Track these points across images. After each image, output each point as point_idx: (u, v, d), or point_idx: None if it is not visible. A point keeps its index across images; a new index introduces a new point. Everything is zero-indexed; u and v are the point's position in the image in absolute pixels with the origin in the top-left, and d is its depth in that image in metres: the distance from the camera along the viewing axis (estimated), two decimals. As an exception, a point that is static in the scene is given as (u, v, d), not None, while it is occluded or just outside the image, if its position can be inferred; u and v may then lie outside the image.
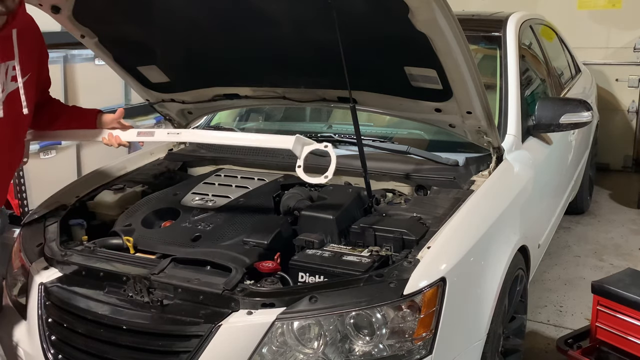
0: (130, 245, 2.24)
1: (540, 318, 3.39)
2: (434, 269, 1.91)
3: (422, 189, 2.51)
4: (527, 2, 5.54)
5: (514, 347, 2.60)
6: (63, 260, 2.15)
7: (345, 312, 1.80)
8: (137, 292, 1.94)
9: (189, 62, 2.73)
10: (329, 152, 2.10)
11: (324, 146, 2.14)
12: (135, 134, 2.36)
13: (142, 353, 1.89)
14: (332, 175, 2.09)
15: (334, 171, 2.09)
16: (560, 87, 3.98)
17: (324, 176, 2.08)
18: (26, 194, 3.71)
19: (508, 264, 2.27)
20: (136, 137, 2.35)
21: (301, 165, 2.14)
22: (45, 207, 2.53)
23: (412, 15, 1.98)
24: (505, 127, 2.79)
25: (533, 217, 2.81)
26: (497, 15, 3.51)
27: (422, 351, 1.83)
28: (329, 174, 2.08)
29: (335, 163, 2.10)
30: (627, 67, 5.81)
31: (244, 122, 3.47)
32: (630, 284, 2.60)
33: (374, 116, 3.00)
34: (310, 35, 2.31)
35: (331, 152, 2.08)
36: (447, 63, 2.15)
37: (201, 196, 2.55)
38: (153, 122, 4.64)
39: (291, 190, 2.53)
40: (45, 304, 2.10)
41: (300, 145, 2.17)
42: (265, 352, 1.79)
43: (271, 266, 2.00)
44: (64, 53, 4.00)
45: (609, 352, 2.66)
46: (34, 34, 2.17)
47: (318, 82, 2.60)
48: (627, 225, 4.72)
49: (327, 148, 2.12)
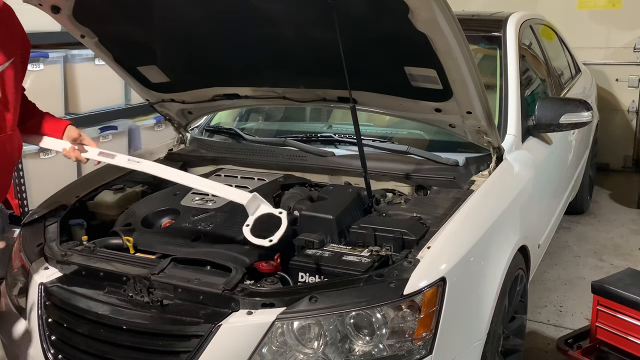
0: (130, 245, 2.24)
1: (540, 318, 3.39)
2: (434, 269, 1.91)
3: (422, 189, 2.51)
4: (527, 2, 5.54)
5: (514, 347, 2.60)
6: (63, 260, 2.15)
7: (345, 312, 1.80)
8: (137, 292, 1.94)
9: (189, 62, 2.73)
10: (282, 218, 1.97)
11: (279, 212, 2.00)
12: (96, 153, 2.34)
13: (142, 353, 1.89)
14: (277, 239, 1.93)
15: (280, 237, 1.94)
16: (560, 87, 3.98)
17: (269, 239, 1.94)
18: (26, 194, 3.71)
19: (508, 264, 2.27)
20: (97, 156, 2.33)
21: (249, 225, 2.01)
22: (45, 207, 2.53)
23: (412, 15, 1.98)
24: (505, 127, 2.79)
25: (533, 217, 2.81)
26: (497, 15, 3.51)
27: (422, 351, 1.83)
28: (275, 237, 1.94)
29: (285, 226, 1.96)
30: (627, 67, 5.81)
31: (244, 122, 3.47)
32: (630, 284, 2.60)
33: (374, 116, 3.00)
34: (310, 35, 2.31)
35: (284, 220, 1.96)
36: (447, 63, 2.15)
37: (201, 196, 2.55)
38: (153, 122, 4.64)
39: (291, 190, 2.54)
40: (45, 304, 2.10)
41: (255, 205, 2.06)
42: (265, 352, 1.79)
43: (271, 266, 2.00)
44: (64, 53, 4.00)
45: (609, 352, 2.66)
46: (10, 17, 2.13)
47: (318, 82, 2.59)
48: (627, 225, 4.72)
49: (281, 215, 1.99)
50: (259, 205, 2.07)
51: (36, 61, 3.77)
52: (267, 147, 2.89)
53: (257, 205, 2.07)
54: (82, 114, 4.17)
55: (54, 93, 3.96)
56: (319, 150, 2.77)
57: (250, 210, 2.06)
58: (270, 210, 2.04)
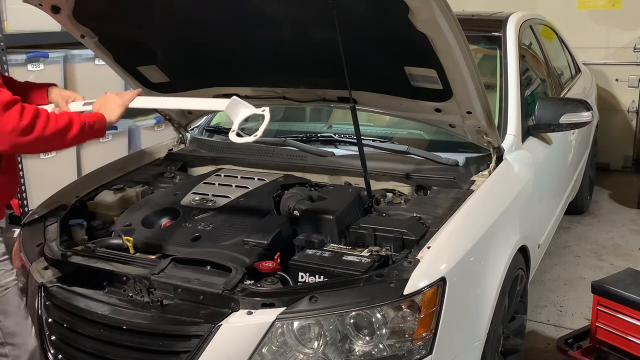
0: (130, 245, 2.24)
1: (540, 318, 3.39)
2: (434, 269, 1.91)
3: (422, 189, 2.51)
4: (527, 2, 5.54)
5: (514, 347, 2.60)
6: (63, 260, 2.15)
7: (345, 312, 1.80)
8: (137, 292, 1.94)
9: (189, 62, 2.73)
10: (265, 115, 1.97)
11: (262, 110, 2.00)
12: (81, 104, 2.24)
13: (142, 353, 1.90)
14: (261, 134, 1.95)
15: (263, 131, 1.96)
16: (560, 87, 3.98)
17: (254, 135, 1.95)
18: (26, 194, 3.71)
19: (508, 264, 2.27)
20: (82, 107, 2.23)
21: (235, 130, 2.00)
22: (45, 207, 2.53)
23: (412, 15, 1.98)
24: (505, 127, 2.79)
25: (533, 217, 2.81)
26: (497, 15, 3.51)
27: (422, 351, 1.83)
28: (259, 132, 1.95)
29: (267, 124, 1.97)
30: (627, 67, 5.81)
31: (244, 122, 3.46)
32: (630, 284, 2.59)
33: (374, 116, 3.00)
34: (310, 35, 2.31)
35: (267, 116, 1.95)
36: (447, 63, 2.15)
37: (201, 196, 2.55)
38: (153, 122, 4.63)
39: (291, 190, 2.53)
40: (45, 304, 2.10)
41: (236, 108, 2.03)
42: (265, 352, 1.79)
43: (271, 266, 2.00)
44: (64, 53, 3.99)
45: (609, 352, 2.66)
46: None
47: (318, 82, 2.60)
48: (627, 225, 4.72)
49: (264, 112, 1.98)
50: (240, 109, 2.03)
51: (36, 61, 3.76)
52: (267, 147, 2.89)
53: (238, 109, 2.03)
54: (82, 114, 4.17)
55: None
56: (319, 150, 2.77)
57: (233, 116, 2.03)
58: (252, 111, 2.01)
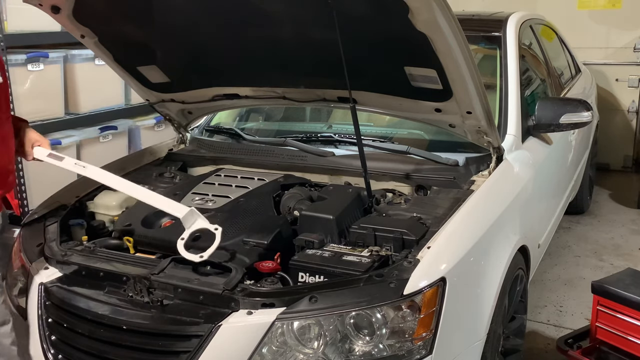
0: (130, 245, 2.24)
1: (540, 318, 3.39)
2: (434, 269, 1.91)
3: (422, 189, 2.51)
4: (527, 2, 5.54)
5: (514, 347, 2.60)
6: (63, 260, 2.15)
7: (345, 312, 1.80)
8: (137, 292, 1.94)
9: (189, 62, 2.73)
10: (217, 235, 2.00)
11: (214, 228, 2.02)
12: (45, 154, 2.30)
13: (142, 353, 1.89)
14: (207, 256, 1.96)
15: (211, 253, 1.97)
16: (560, 87, 3.98)
17: (199, 255, 1.96)
18: (26, 194, 3.71)
19: (508, 264, 2.27)
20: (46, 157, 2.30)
21: (184, 239, 2.02)
22: (45, 207, 2.53)
23: (412, 15, 1.98)
24: (505, 127, 2.79)
25: (533, 217, 2.81)
26: (497, 15, 3.51)
27: (422, 351, 1.83)
28: (207, 253, 1.96)
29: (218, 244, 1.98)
30: (627, 67, 5.81)
31: (244, 122, 3.47)
32: (630, 284, 2.59)
33: (374, 116, 3.00)
34: (310, 35, 2.31)
35: (218, 236, 1.99)
36: (447, 63, 2.15)
37: (201, 196, 2.55)
38: (153, 122, 4.64)
39: (291, 190, 2.53)
40: (45, 304, 2.10)
41: (191, 219, 2.08)
42: (265, 352, 1.79)
43: (271, 266, 2.00)
44: (64, 53, 4.00)
45: (609, 352, 2.66)
46: None
47: (318, 82, 2.60)
48: (627, 225, 4.72)
49: (216, 231, 2.01)
50: (196, 219, 2.09)
51: (36, 61, 3.77)
52: (267, 147, 2.89)
53: (194, 219, 2.09)
54: (82, 114, 4.17)
55: (54, 93, 3.96)
56: (319, 150, 2.77)
57: (187, 224, 2.08)
58: (206, 226, 2.06)
